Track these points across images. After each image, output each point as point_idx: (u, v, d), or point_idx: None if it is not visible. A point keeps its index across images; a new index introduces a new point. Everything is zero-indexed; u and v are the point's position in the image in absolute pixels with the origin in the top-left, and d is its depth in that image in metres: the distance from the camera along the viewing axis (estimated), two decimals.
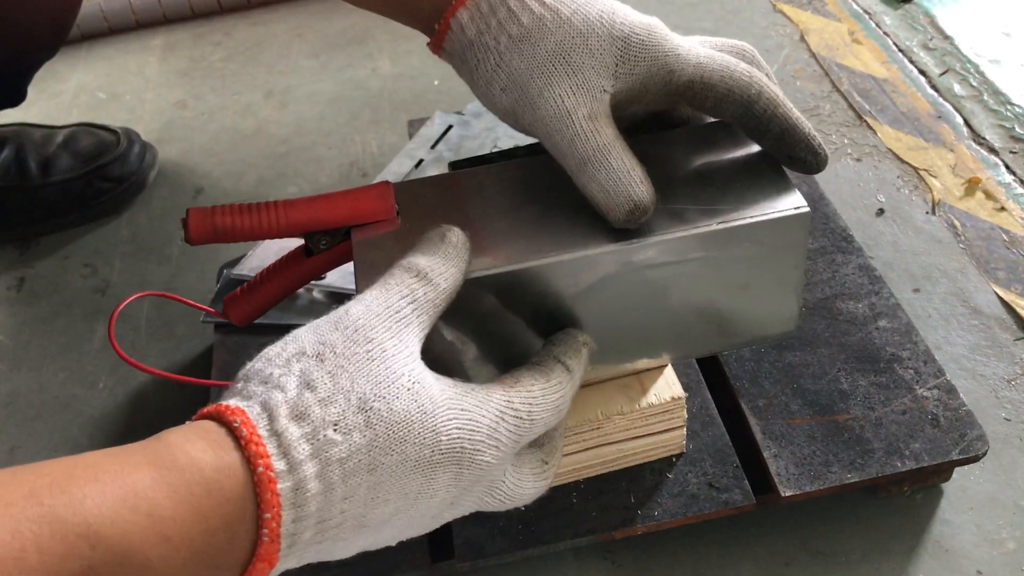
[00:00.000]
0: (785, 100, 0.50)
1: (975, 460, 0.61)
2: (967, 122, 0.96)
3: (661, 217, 0.49)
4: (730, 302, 0.53)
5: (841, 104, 1.01)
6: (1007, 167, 0.90)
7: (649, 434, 0.61)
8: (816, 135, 0.51)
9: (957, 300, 0.78)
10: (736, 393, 0.66)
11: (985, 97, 0.98)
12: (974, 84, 1.00)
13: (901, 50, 1.07)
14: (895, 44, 1.08)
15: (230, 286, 0.79)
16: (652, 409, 0.59)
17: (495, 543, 0.60)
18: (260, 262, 0.79)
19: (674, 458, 0.63)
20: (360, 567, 0.56)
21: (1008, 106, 0.97)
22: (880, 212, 0.87)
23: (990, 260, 0.81)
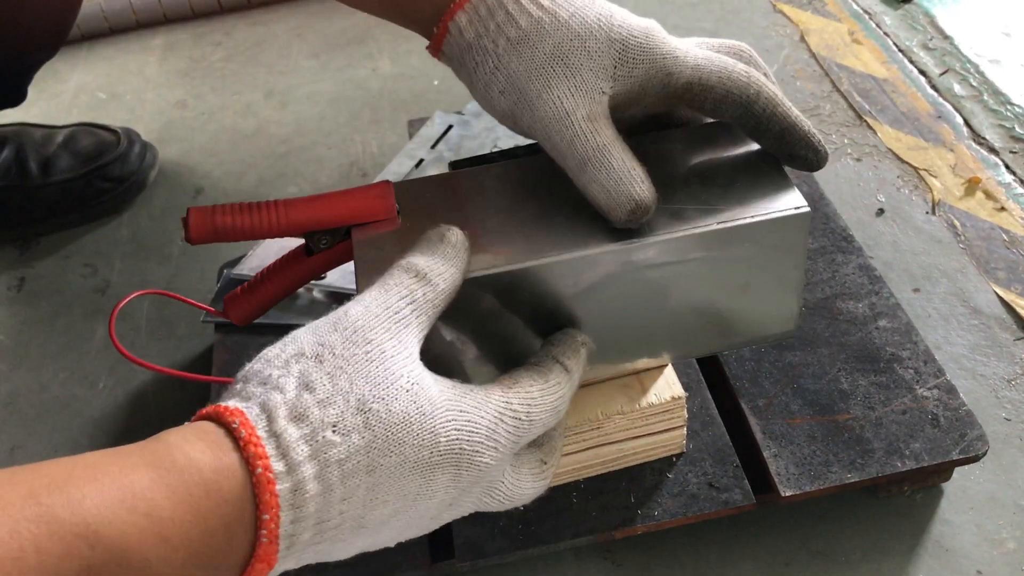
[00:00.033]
0: (784, 99, 0.50)
1: (975, 460, 0.61)
2: (967, 122, 0.96)
3: (661, 217, 0.49)
4: (730, 302, 0.53)
5: (841, 104, 1.01)
6: (1007, 167, 0.90)
7: (649, 434, 0.61)
8: (815, 132, 0.51)
9: (957, 300, 0.78)
10: (736, 393, 0.66)
11: (985, 97, 0.98)
12: (974, 84, 1.00)
13: (901, 50, 1.07)
14: (895, 44, 1.08)
15: (230, 286, 0.79)
16: (652, 409, 0.59)
17: (495, 543, 0.60)
18: (260, 262, 0.79)
19: (674, 458, 0.63)
20: (360, 567, 0.56)
21: (1008, 106, 0.97)
22: (880, 212, 0.87)
23: (990, 260, 0.81)
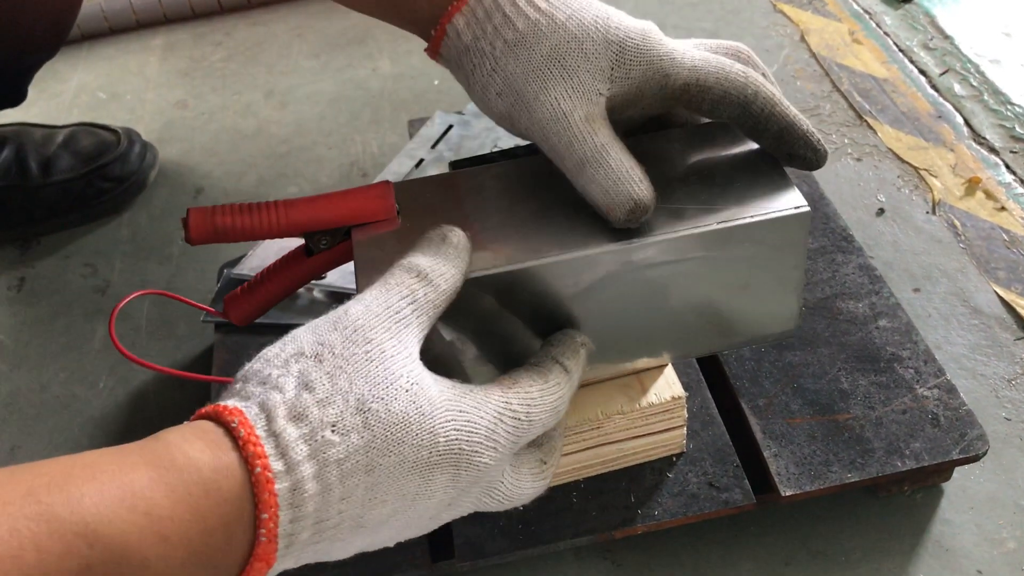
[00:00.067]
0: (782, 98, 0.50)
1: (975, 460, 0.61)
2: (967, 122, 0.96)
3: (661, 217, 0.49)
4: (730, 301, 0.53)
5: (841, 104, 1.01)
6: (1007, 167, 0.90)
7: (649, 433, 0.61)
8: (814, 131, 0.51)
9: (957, 300, 0.78)
10: (736, 393, 0.66)
11: (985, 97, 0.98)
12: (974, 84, 1.00)
13: (901, 50, 1.07)
14: (895, 44, 1.08)
15: (230, 286, 0.79)
16: (652, 408, 0.59)
17: (495, 543, 0.60)
18: (260, 262, 0.79)
19: (674, 458, 0.63)
20: (359, 567, 0.56)
21: (1008, 106, 0.97)
22: (880, 212, 0.87)
23: (990, 260, 0.81)
